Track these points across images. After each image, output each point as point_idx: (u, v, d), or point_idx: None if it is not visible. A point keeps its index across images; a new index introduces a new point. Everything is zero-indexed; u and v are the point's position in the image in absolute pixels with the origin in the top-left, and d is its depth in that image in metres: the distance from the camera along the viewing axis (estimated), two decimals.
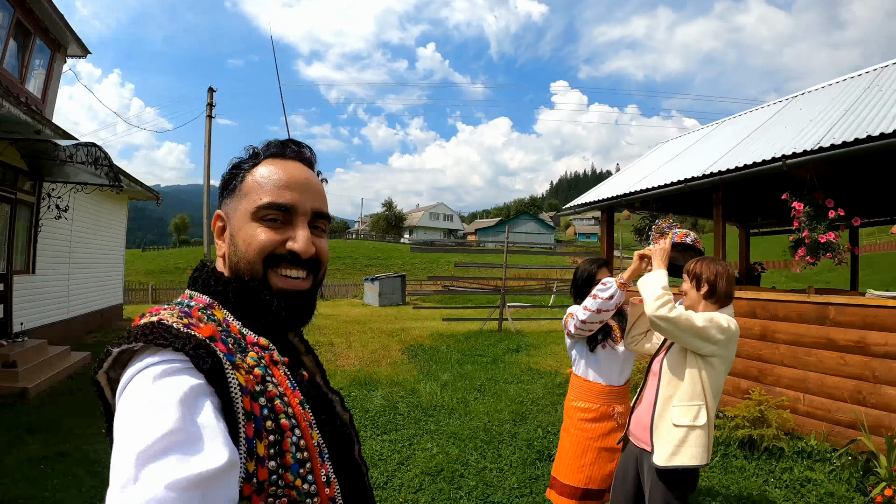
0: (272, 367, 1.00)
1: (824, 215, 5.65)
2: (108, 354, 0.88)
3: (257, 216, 1.07)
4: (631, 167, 11.29)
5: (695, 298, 2.96)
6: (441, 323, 14.58)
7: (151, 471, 0.71)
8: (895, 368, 5.08)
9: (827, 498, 4.61)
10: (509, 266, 14.65)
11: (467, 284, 27.48)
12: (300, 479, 0.93)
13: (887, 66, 7.66)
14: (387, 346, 11.17)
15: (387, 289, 23.04)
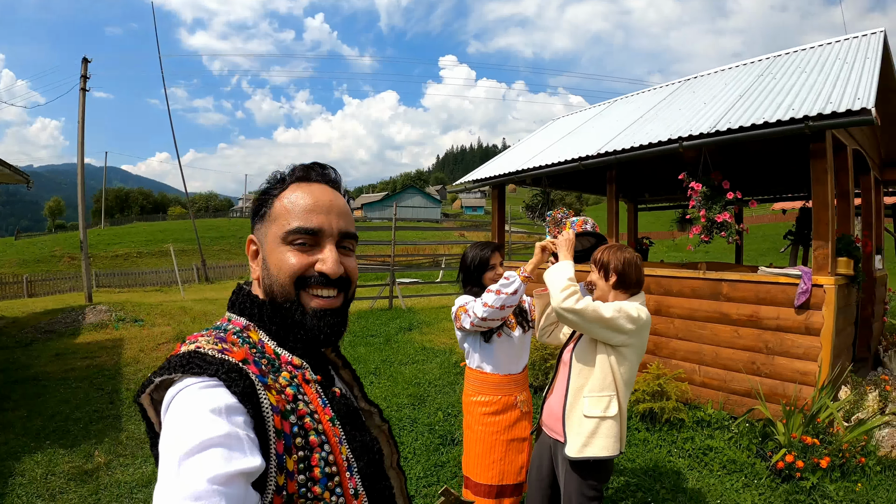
0: (304, 385, 1.08)
1: (721, 196, 5.89)
2: (150, 382, 0.94)
3: (287, 240, 1.13)
4: (522, 143, 11.31)
5: (604, 289, 2.95)
6: None
7: (193, 466, 0.78)
8: (786, 341, 5.43)
9: (729, 465, 4.87)
10: (398, 242, 14.52)
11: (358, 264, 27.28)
12: (328, 491, 1.00)
13: (780, 55, 8.06)
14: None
15: None
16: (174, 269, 20.89)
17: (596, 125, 9.34)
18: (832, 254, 5.41)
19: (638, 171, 9.83)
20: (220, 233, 50.60)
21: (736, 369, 5.84)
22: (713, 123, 5.91)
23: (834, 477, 4.50)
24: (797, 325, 5.38)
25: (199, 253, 29.29)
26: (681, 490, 4.49)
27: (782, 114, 5.31)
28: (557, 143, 9.33)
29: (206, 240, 41.89)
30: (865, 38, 7.00)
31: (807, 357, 5.28)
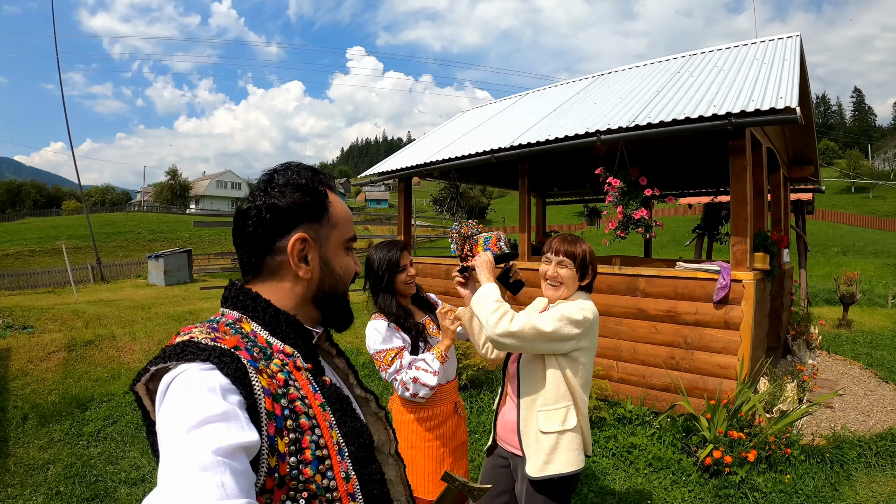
0: (295, 372, 1.11)
1: (638, 192, 5.87)
2: (146, 371, 0.98)
3: (346, 245, 1.29)
4: (430, 135, 11.13)
5: (573, 289, 2.66)
6: None
7: (197, 441, 0.81)
8: (706, 335, 5.46)
9: (655, 462, 4.86)
10: None
11: None
12: (319, 474, 1.03)
13: (695, 54, 8.22)
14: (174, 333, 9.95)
15: (172, 266, 21.17)
16: (67, 269, 19.59)
17: (508, 117, 9.24)
18: (750, 249, 5.47)
19: (549, 164, 9.80)
20: (117, 228, 48.11)
21: (655, 364, 5.85)
22: (632, 117, 5.90)
23: (761, 469, 4.57)
24: (716, 320, 5.41)
25: (94, 250, 27.67)
26: (609, 492, 4.42)
27: (704, 110, 5.34)
28: (467, 135, 9.16)
29: (101, 236, 39.87)
30: (781, 41, 7.22)
31: (727, 351, 5.32)
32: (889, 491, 4.50)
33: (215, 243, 44.62)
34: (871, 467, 4.93)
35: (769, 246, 5.82)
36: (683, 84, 6.64)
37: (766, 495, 4.31)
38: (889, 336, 11.19)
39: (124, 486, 4.59)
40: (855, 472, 4.78)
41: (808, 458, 4.84)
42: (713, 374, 5.40)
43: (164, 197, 79.18)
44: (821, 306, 15.77)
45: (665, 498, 4.34)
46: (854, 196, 65.03)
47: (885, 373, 7.97)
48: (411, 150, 10.15)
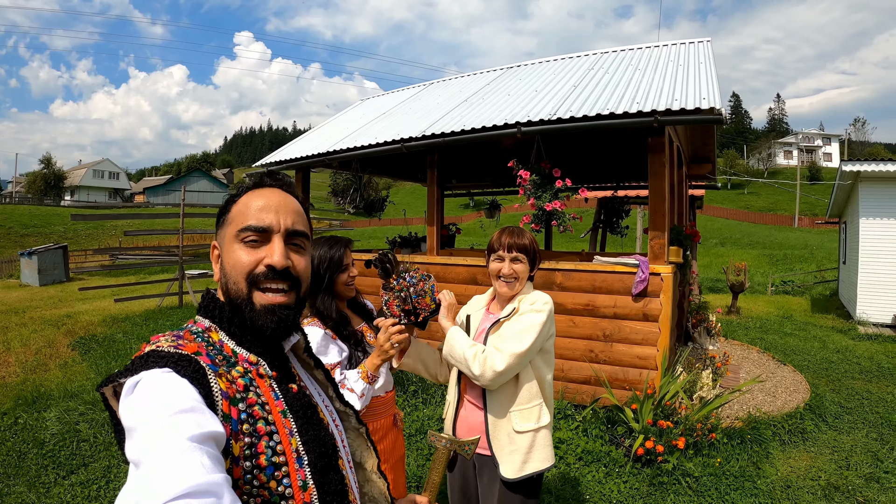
0: (258, 379, 1.12)
1: (551, 184, 5.86)
2: (113, 380, 0.99)
3: (239, 238, 1.19)
4: (329, 124, 10.76)
5: (524, 277, 2.61)
6: (113, 303, 12.66)
7: (171, 428, 0.84)
8: (625, 328, 5.55)
9: (585, 455, 4.88)
10: (186, 231, 13.43)
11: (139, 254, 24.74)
12: (274, 481, 1.02)
13: (608, 52, 8.38)
14: (53, 341, 9.15)
15: (47, 264, 19.61)
16: None
17: (414, 107, 9.06)
18: (668, 243, 5.58)
19: (453, 156, 9.65)
20: None
21: (574, 358, 5.88)
22: (552, 110, 5.90)
23: (690, 455, 4.71)
24: (635, 313, 5.50)
25: None
26: (545, 490, 4.35)
27: (627, 106, 5.40)
28: (371, 123, 8.91)
29: None
30: (693, 45, 7.50)
31: (646, 342, 5.43)
32: (805, 465, 4.81)
33: (92, 238, 42.08)
34: (786, 444, 5.25)
35: (683, 240, 5.96)
36: (601, 80, 6.72)
37: (698, 479, 4.44)
38: (776, 321, 11.94)
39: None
40: (773, 451, 5.06)
41: (730, 440, 5.06)
42: (634, 366, 5.49)
43: (38, 187, 74.12)
44: (706, 294, 16.58)
45: (601, 491, 4.37)
46: (731, 192, 68.94)
47: (781, 355, 8.54)
48: (310, 139, 9.75)
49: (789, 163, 79.75)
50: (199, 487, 0.75)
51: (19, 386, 6.86)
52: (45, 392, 6.58)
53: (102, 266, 17.92)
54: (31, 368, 7.67)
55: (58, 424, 5.63)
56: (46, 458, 4.97)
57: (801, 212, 52.86)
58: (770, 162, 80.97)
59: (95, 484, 4.54)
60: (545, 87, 7.17)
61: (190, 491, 0.74)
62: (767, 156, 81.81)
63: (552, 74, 7.83)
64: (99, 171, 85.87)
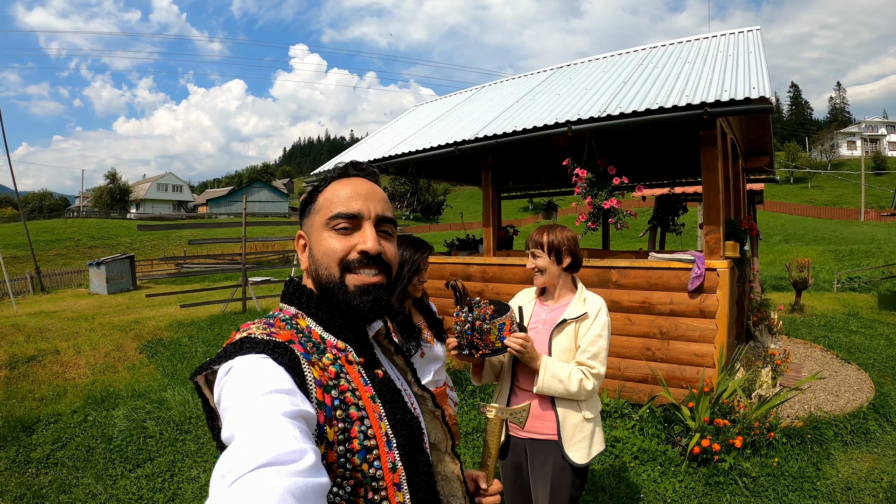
0: (347, 365, 1.15)
1: (607, 182, 5.83)
2: (207, 367, 1.04)
3: (329, 226, 1.22)
4: (385, 130, 10.93)
5: (555, 273, 2.80)
6: (179, 309, 13.09)
7: (264, 405, 0.87)
8: (681, 325, 5.47)
9: (641, 454, 4.84)
10: (248, 240, 13.72)
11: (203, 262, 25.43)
12: (366, 463, 1.06)
13: (656, 46, 8.30)
14: (121, 345, 9.46)
15: (115, 273, 20.39)
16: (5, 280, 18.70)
17: (466, 110, 9.13)
18: (723, 238, 5.49)
19: (508, 157, 9.71)
20: (56, 235, 46.54)
21: (630, 356, 5.83)
22: (602, 107, 5.87)
23: (747, 454, 4.63)
24: (692, 309, 5.42)
25: (32, 259, 26.66)
26: (599, 489, 4.36)
27: (677, 99, 5.34)
28: (426, 128, 9.04)
29: (39, 244, 38.59)
30: (742, 34, 7.35)
31: (703, 340, 5.34)
32: (867, 467, 4.64)
33: (157, 248, 43.57)
34: (848, 445, 5.07)
35: (739, 234, 5.86)
36: (650, 75, 6.65)
37: (755, 479, 4.35)
38: (840, 319, 11.53)
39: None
40: (834, 451, 4.90)
41: (789, 440, 4.93)
42: (691, 364, 5.41)
43: (104, 202, 77.04)
44: (769, 292, 16.17)
45: (656, 490, 4.33)
46: (793, 186, 67.19)
47: (845, 354, 8.22)
48: (366, 146, 9.94)
49: (853, 154, 77.16)
50: (287, 456, 0.77)
51: (89, 386, 7.16)
52: (114, 392, 6.87)
53: (168, 274, 18.51)
54: (101, 370, 7.97)
55: (125, 421, 5.89)
56: (114, 452, 5.23)
57: (866, 204, 50.99)
58: (833, 153, 78.43)
59: (160, 477, 4.75)
60: (595, 84, 7.13)
61: (277, 458, 0.76)
62: (830, 147, 79.32)
63: (602, 72, 7.79)
64: (163, 184, 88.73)
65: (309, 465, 0.79)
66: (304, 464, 0.78)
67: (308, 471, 0.78)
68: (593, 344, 2.67)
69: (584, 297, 2.78)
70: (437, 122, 9.22)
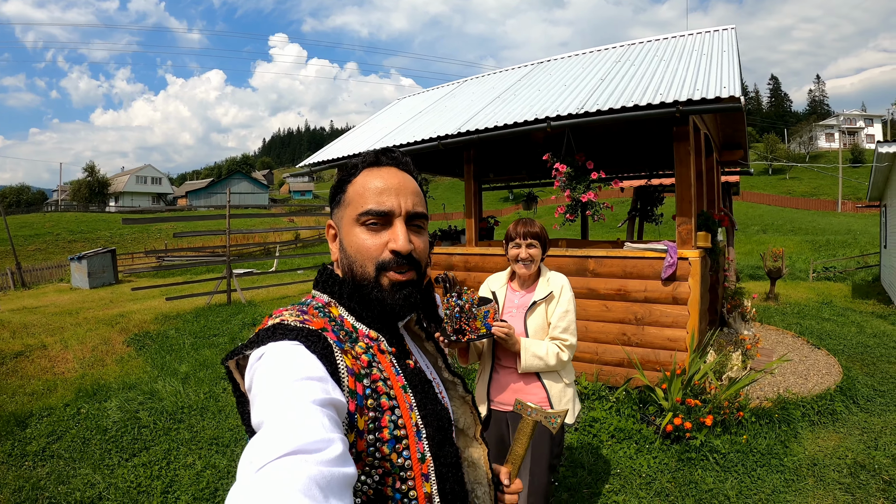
0: (379, 355, 1.16)
1: (585, 176, 6.08)
2: (239, 352, 1.03)
3: (360, 222, 1.22)
4: (368, 124, 11.11)
5: (539, 259, 3.13)
6: (164, 302, 13.04)
7: (297, 391, 0.87)
8: (655, 311, 5.75)
9: (618, 433, 5.12)
10: (231, 232, 13.86)
11: (184, 255, 25.38)
12: (396, 453, 1.07)
13: (634, 44, 8.56)
14: (108, 338, 9.50)
15: (96, 267, 20.26)
16: None
17: (449, 104, 9.36)
18: (695, 228, 5.78)
19: (489, 151, 9.89)
20: (35, 230, 46.09)
21: (607, 341, 6.12)
22: (580, 104, 6.12)
23: (717, 432, 4.93)
24: (665, 296, 5.70)
25: (12, 255, 26.47)
26: (578, 465, 4.64)
27: (651, 97, 5.61)
28: (409, 122, 9.25)
29: (19, 239, 38.15)
30: (717, 33, 7.61)
31: (676, 325, 5.62)
32: (833, 445, 4.93)
33: (138, 242, 43.15)
34: (815, 425, 5.36)
35: (711, 225, 6.12)
36: (627, 72, 6.91)
37: (725, 455, 4.63)
38: (814, 307, 11.89)
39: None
40: (801, 430, 5.20)
41: (758, 419, 5.23)
42: (665, 348, 5.70)
43: (83, 195, 76.11)
44: (746, 282, 16.54)
45: (631, 466, 4.60)
46: (772, 178, 67.97)
47: (816, 340, 8.58)
48: (350, 139, 10.12)
49: (831, 146, 78.05)
50: (314, 444, 0.78)
51: (79, 380, 7.23)
52: (105, 385, 6.97)
53: (150, 268, 18.50)
54: (89, 364, 8.03)
55: (119, 413, 6.01)
56: (110, 442, 5.36)
57: (843, 196, 51.86)
58: (811, 145, 79.30)
59: (157, 465, 4.89)
60: (574, 81, 7.37)
61: (305, 446, 0.77)
62: (809, 139, 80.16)
63: (581, 68, 8.03)
64: (141, 176, 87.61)
65: (336, 454, 0.79)
66: (331, 453, 0.79)
67: (335, 460, 0.79)
68: (562, 319, 3.04)
69: (549, 278, 3.16)
70: (420, 116, 9.42)
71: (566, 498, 4.22)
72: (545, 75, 8.51)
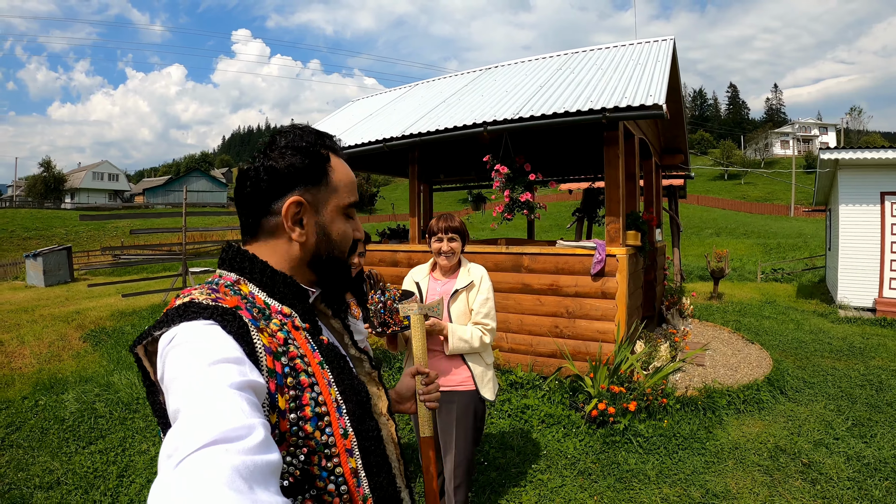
0: (294, 331, 1.14)
1: (523, 177, 6.39)
2: (148, 335, 1.00)
3: (344, 212, 1.29)
4: (321, 125, 11.26)
5: (459, 251, 3.42)
6: (120, 300, 13.15)
7: (212, 375, 0.85)
8: (585, 305, 6.09)
9: (547, 419, 5.43)
10: (188, 230, 13.94)
11: (141, 252, 25.15)
12: (318, 430, 1.06)
13: (577, 52, 8.91)
14: (65, 335, 9.64)
15: (52, 265, 20.08)
16: None
17: (398, 107, 9.65)
18: (623, 228, 6.13)
19: (438, 153, 10.20)
20: None
21: (541, 334, 6.47)
22: (516, 110, 6.43)
23: (642, 418, 5.27)
24: (594, 291, 6.04)
25: None
26: (508, 447, 4.93)
27: (581, 104, 5.95)
28: (359, 124, 9.52)
29: None
30: (657, 43, 7.99)
31: (605, 318, 5.97)
32: (757, 431, 5.26)
33: (94, 239, 42.31)
34: (741, 413, 5.70)
35: (640, 225, 6.47)
36: (565, 80, 7.25)
37: (648, 439, 4.96)
38: (756, 305, 12.36)
39: (39, 490, 4.49)
40: (726, 417, 5.55)
41: (683, 406, 5.59)
42: (594, 339, 6.04)
43: (38, 191, 74.07)
44: (695, 282, 17.09)
45: (559, 448, 4.90)
46: (727, 182, 69.47)
47: (751, 335, 8.99)
48: None
49: (786, 153, 79.81)
50: (234, 432, 0.76)
51: (36, 374, 7.35)
52: (62, 378, 7.11)
53: (107, 265, 18.35)
54: (46, 359, 8.13)
55: (76, 404, 6.17)
56: (67, 432, 5.52)
57: (796, 201, 53.24)
58: (767, 152, 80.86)
59: (113, 451, 5.07)
60: (515, 87, 7.70)
61: (225, 435, 0.75)
62: (764, 146, 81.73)
63: (524, 75, 8.35)
64: (98, 173, 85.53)
65: (258, 441, 0.77)
66: (252, 440, 0.76)
67: (257, 447, 0.76)
68: (483, 305, 3.33)
69: (469, 269, 3.45)
70: (370, 118, 9.69)
71: (495, 477, 4.48)
72: (490, 81, 8.83)
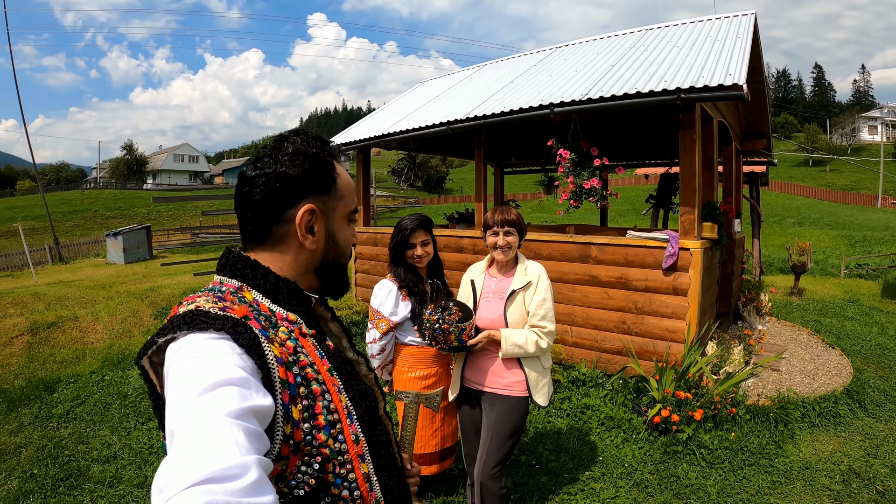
0: (301, 339, 1.13)
1: (589, 162, 6.02)
2: (152, 343, 0.97)
3: (349, 219, 1.30)
4: (389, 106, 11.14)
5: (516, 246, 3.24)
6: (193, 278, 13.20)
7: (211, 401, 0.82)
8: (655, 301, 5.68)
9: (608, 421, 5.10)
10: None
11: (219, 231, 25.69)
12: (332, 438, 1.07)
13: (651, 28, 8.38)
14: (137, 311, 9.84)
15: (132, 243, 20.70)
16: (25, 251, 19.00)
17: (465, 89, 9.34)
18: (698, 219, 5.67)
19: (506, 135, 9.97)
20: (73, 206, 47.30)
21: (607, 329, 6.08)
22: (585, 91, 6.03)
23: (707, 427, 4.85)
24: (665, 286, 5.62)
25: (51, 230, 27.07)
26: (563, 450, 4.65)
27: (655, 85, 5.50)
28: (425, 106, 9.26)
29: (58, 215, 39.15)
30: (737, 18, 7.42)
31: (675, 316, 5.54)
32: (831, 449, 4.78)
33: (174, 219, 43.97)
34: (815, 427, 5.20)
35: (717, 216, 6.01)
36: (638, 58, 6.79)
37: (713, 451, 4.58)
38: (839, 304, 11.54)
39: (97, 463, 4.63)
40: (799, 432, 5.07)
41: (753, 417, 5.13)
42: (662, 338, 5.63)
43: (121, 173, 77.26)
44: (775, 275, 16.23)
45: (616, 455, 4.58)
46: (811, 169, 66.45)
47: (832, 339, 8.26)
48: (370, 122, 10.16)
49: (874, 139, 75.54)
50: (226, 472, 0.73)
51: (106, 350, 7.62)
52: (130, 354, 7.33)
53: (183, 244, 18.77)
54: (118, 335, 8.41)
55: (140, 380, 6.31)
56: (129, 407, 5.73)
57: (884, 191, 50.39)
58: (854, 137, 76.92)
59: None
60: (585, 67, 7.27)
61: (215, 475, 0.72)
62: (851, 131, 77.85)
63: (594, 54, 7.91)
64: (179, 155, 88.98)
65: (250, 482, 0.75)
66: (244, 481, 0.74)
67: (248, 489, 0.74)
68: (540, 307, 3.12)
69: (526, 267, 3.25)
70: (435, 100, 9.42)
71: (545, 482, 4.24)
72: (560, 61, 8.41)
